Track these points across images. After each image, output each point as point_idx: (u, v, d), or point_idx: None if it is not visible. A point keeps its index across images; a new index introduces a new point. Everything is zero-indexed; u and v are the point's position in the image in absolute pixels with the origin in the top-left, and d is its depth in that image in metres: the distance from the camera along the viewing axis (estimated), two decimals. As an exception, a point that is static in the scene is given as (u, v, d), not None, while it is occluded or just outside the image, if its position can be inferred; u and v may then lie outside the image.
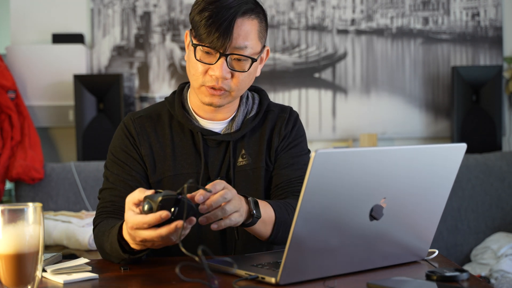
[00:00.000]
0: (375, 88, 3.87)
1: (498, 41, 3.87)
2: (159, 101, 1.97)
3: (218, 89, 1.47)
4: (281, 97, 3.84)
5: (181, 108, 1.57)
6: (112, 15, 3.82)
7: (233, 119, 1.58)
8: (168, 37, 3.83)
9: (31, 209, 1.05)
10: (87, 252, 2.94)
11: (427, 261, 1.36)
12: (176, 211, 1.18)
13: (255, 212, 1.34)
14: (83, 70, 3.67)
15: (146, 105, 3.60)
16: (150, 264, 1.38)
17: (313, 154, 1.06)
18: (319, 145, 3.83)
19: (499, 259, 3.05)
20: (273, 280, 1.14)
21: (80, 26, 3.81)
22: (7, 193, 3.85)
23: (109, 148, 1.58)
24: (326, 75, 3.87)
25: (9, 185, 3.80)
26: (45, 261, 1.36)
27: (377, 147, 1.16)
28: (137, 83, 3.82)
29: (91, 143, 3.52)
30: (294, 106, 3.83)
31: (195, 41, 1.46)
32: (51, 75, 3.66)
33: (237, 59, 1.46)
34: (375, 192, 1.18)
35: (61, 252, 2.32)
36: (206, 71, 1.46)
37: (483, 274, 3.01)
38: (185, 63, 2.69)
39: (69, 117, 3.73)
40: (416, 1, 3.88)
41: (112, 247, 1.35)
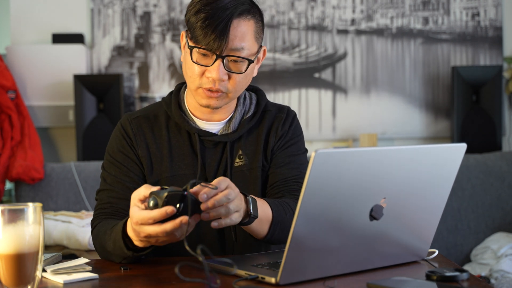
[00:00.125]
0: (375, 88, 3.87)
1: (498, 41, 3.87)
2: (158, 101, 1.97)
3: (215, 91, 1.46)
4: (281, 97, 3.84)
5: (178, 109, 1.56)
6: (112, 15, 3.82)
7: (230, 120, 1.57)
8: (168, 37, 3.83)
9: (31, 209, 1.05)
10: (87, 252, 2.94)
11: (427, 261, 1.36)
12: (181, 207, 1.19)
13: (252, 212, 1.33)
14: (83, 70, 3.67)
15: (146, 105, 3.59)
16: (150, 264, 1.38)
17: (313, 154, 1.06)
18: (319, 145, 3.83)
19: (499, 259, 3.05)
20: (273, 280, 1.14)
21: (80, 26, 3.81)
22: (7, 193, 3.85)
23: (107, 149, 1.58)
24: (326, 75, 3.87)
25: (9, 185, 3.80)
26: (45, 261, 1.36)
27: (377, 147, 1.16)
28: (137, 83, 3.82)
29: (91, 143, 3.52)
30: (294, 106, 3.83)
31: (191, 43, 1.45)
32: (51, 75, 3.66)
33: (234, 61, 1.45)
34: (375, 192, 1.18)
35: (61, 252, 2.32)
36: (202, 73, 1.45)
37: (483, 274, 3.01)
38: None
39: (69, 117, 3.73)
40: (416, 1, 3.88)
41: (115, 245, 1.35)
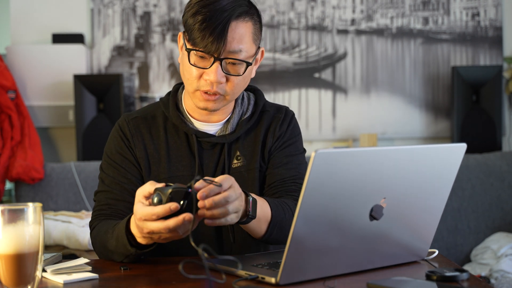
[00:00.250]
0: (375, 88, 3.87)
1: (498, 41, 3.87)
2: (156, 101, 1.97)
3: (212, 94, 1.44)
4: (281, 97, 3.84)
5: (175, 110, 1.55)
6: (112, 15, 3.82)
7: (228, 121, 1.56)
8: (168, 37, 3.83)
9: (31, 209, 1.05)
10: (87, 252, 2.94)
11: (427, 261, 1.36)
12: (185, 204, 1.19)
13: (251, 212, 1.32)
14: (83, 70, 3.67)
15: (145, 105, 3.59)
16: (150, 264, 1.38)
17: (313, 154, 1.06)
18: (319, 145, 3.83)
19: (499, 259, 3.05)
20: (273, 280, 1.14)
21: (80, 26, 3.81)
22: (7, 193, 3.85)
23: (105, 149, 1.57)
24: (326, 75, 3.87)
25: (9, 185, 3.80)
26: (45, 261, 1.36)
27: (377, 147, 1.16)
28: (137, 83, 3.82)
29: (91, 143, 3.52)
30: (294, 106, 3.83)
31: (188, 45, 1.43)
32: (51, 75, 3.66)
33: (232, 63, 1.44)
34: (375, 192, 1.18)
35: (61, 252, 2.32)
36: (200, 75, 1.44)
37: (483, 274, 3.01)
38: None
39: (69, 117, 3.73)
40: (416, 1, 3.88)
41: (118, 242, 1.34)
